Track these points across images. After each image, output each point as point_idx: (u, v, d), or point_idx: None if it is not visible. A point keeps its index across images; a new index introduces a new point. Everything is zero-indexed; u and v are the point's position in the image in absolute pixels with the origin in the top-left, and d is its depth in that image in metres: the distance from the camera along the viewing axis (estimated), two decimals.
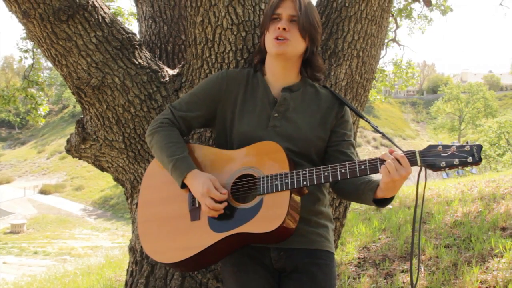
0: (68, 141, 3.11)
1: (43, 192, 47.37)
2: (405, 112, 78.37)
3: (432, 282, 4.35)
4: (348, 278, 4.77)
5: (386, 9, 2.95)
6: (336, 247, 3.26)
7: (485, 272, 4.36)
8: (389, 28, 10.98)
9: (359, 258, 5.36)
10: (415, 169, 1.91)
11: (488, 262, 4.56)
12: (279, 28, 2.10)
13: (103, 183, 45.96)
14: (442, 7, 10.80)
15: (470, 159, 1.80)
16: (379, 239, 5.99)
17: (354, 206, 8.58)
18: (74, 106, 63.82)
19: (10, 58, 79.45)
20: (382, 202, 2.00)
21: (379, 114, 70.45)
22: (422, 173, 1.92)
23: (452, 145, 1.83)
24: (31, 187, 47.62)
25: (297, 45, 2.15)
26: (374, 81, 11.13)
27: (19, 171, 56.89)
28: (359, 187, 2.04)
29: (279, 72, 2.21)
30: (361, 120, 3.05)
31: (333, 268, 2.21)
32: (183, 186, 2.11)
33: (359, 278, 4.76)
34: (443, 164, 1.82)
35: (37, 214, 39.13)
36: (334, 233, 3.02)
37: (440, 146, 1.84)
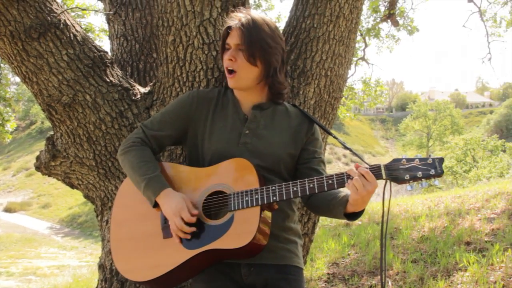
0: (38, 158, 3.09)
1: (8, 210, 46.08)
2: (374, 129, 79.46)
3: None
4: None
5: (353, 30, 3.05)
6: (304, 262, 3.31)
7: (450, 286, 4.46)
8: (358, 47, 11.20)
9: (328, 273, 5.41)
10: (381, 183, 1.97)
11: (453, 276, 4.66)
12: (226, 60, 2.17)
13: (71, 201, 45.07)
14: (409, 27, 11.09)
15: (432, 171, 1.87)
16: (348, 254, 6.06)
17: (324, 222, 8.65)
18: (42, 122, 62.64)
19: None
20: (353, 216, 2.05)
21: (349, 131, 71.20)
22: (388, 186, 1.98)
23: (415, 158, 1.91)
24: None
25: (247, 73, 2.17)
26: (343, 98, 11.32)
27: None
28: (330, 202, 2.09)
29: (248, 95, 2.27)
30: (330, 137, 3.13)
31: (302, 283, 2.25)
32: (155, 205, 2.13)
33: None
34: (407, 177, 1.89)
35: (1, 233, 38.04)
36: (303, 248, 3.06)
37: (404, 160, 1.91)
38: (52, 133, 3.03)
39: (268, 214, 2.05)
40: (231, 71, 2.17)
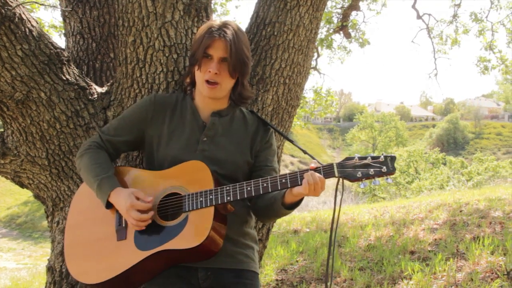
0: None
1: None
2: (322, 138, 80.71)
3: None
4: None
5: (312, 39, 3.10)
6: (259, 267, 3.32)
7: None
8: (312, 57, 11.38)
9: (277, 280, 5.45)
10: (333, 181, 2.01)
11: (398, 284, 4.79)
12: (209, 71, 2.14)
13: (10, 200, 43.44)
14: (361, 40, 11.37)
15: (384, 169, 1.92)
16: (297, 261, 6.12)
17: (273, 228, 8.70)
18: None
19: None
20: (291, 206, 2.08)
21: (298, 139, 71.97)
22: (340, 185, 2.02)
23: (367, 157, 1.95)
24: None
25: (227, 85, 2.22)
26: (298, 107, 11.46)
27: None
28: (270, 199, 2.13)
29: (209, 102, 2.27)
30: (283, 145, 3.16)
31: None
32: (109, 205, 2.11)
33: None
34: (359, 174, 1.93)
35: None
36: (258, 254, 3.08)
37: (356, 158, 1.96)
38: (2, 130, 2.92)
39: (223, 215, 2.06)
40: (213, 83, 2.15)
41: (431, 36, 11.82)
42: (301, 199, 2.07)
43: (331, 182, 2.07)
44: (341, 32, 10.66)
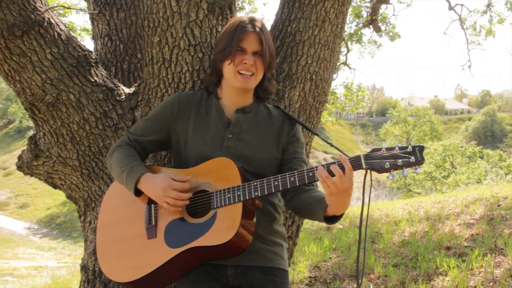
0: (20, 157, 3.05)
1: None
2: (355, 134, 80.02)
3: None
4: None
5: (338, 34, 3.06)
6: (289, 265, 3.31)
7: None
8: (340, 52, 11.28)
9: (310, 277, 5.42)
10: (361, 174, 1.97)
11: (433, 280, 4.70)
12: (245, 63, 2.15)
13: (50, 201, 44.52)
14: (391, 33, 11.21)
15: (412, 159, 1.86)
16: (330, 258, 6.08)
17: (306, 225, 8.67)
18: (20, 121, 61.70)
19: None
20: (332, 220, 2.04)
21: (330, 135, 71.57)
22: (368, 176, 1.96)
23: (395, 147, 1.90)
24: None
25: (259, 77, 2.24)
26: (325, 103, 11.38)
27: None
28: (311, 205, 2.09)
29: (235, 97, 2.28)
30: (312, 141, 3.14)
31: (287, 285, 2.26)
32: (137, 193, 2.13)
33: None
34: (387, 165, 1.88)
35: None
36: (287, 251, 3.07)
37: (383, 149, 1.91)
38: (34, 132, 2.99)
39: (251, 211, 2.05)
40: (247, 75, 2.18)
41: (464, 27, 11.56)
42: (342, 214, 2.03)
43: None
44: (370, 26, 10.53)
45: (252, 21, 2.20)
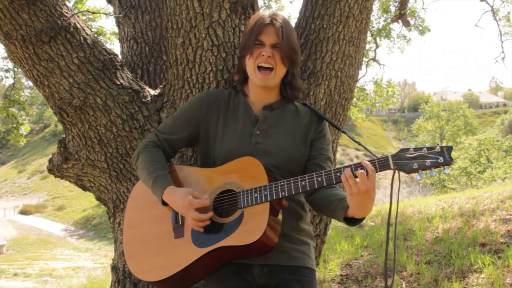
0: (50, 160, 3.12)
1: (24, 212, 46.59)
2: (387, 130, 79.10)
3: None
4: None
5: (363, 30, 3.03)
6: (317, 264, 3.28)
7: (465, 287, 4.41)
8: (369, 48, 11.15)
9: (341, 275, 5.39)
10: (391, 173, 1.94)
11: (468, 277, 4.62)
12: (263, 55, 2.15)
13: (85, 203, 45.40)
14: (420, 28, 11.02)
15: (441, 159, 1.84)
16: (362, 256, 6.03)
17: (337, 223, 8.62)
18: (56, 126, 63.20)
19: None
20: (352, 221, 2.02)
21: (362, 132, 70.97)
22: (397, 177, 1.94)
23: (423, 147, 1.88)
24: (11, 207, 46.81)
25: (280, 72, 2.21)
26: (355, 99, 11.26)
27: None
28: (332, 203, 2.07)
29: (261, 94, 2.27)
30: (342, 139, 3.11)
31: (314, 284, 2.24)
32: (164, 203, 2.15)
33: None
34: (415, 166, 1.86)
35: (18, 235, 38.43)
36: (315, 250, 3.04)
37: (411, 149, 1.89)
38: (64, 136, 3.05)
39: (278, 211, 2.05)
40: (267, 68, 2.17)
41: (497, 18, 11.28)
42: (363, 218, 2.00)
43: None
44: (399, 20, 10.38)
45: (272, 15, 2.20)
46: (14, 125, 10.40)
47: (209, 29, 2.63)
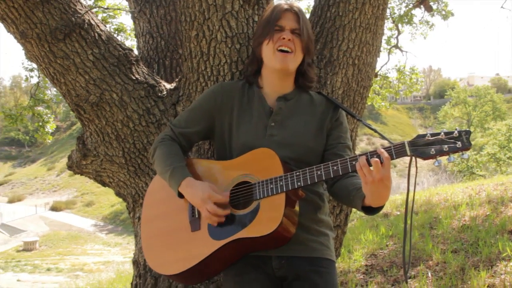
0: (70, 157, 3.15)
1: (54, 209, 47.58)
2: (412, 118, 78.11)
3: (440, 287, 4.32)
4: (356, 285, 4.76)
5: (380, 16, 2.97)
6: (338, 255, 3.26)
7: (493, 276, 4.32)
8: (391, 35, 10.98)
9: (366, 265, 5.34)
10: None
11: (496, 266, 4.52)
12: (283, 38, 2.14)
13: (113, 198, 45.94)
14: (443, 12, 10.78)
15: (459, 144, 1.79)
16: (387, 246, 5.97)
17: (362, 213, 8.55)
18: None
19: (18, 78, 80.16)
20: (370, 210, 1.99)
21: (387, 121, 70.27)
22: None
23: (440, 133, 1.83)
24: (42, 204, 47.85)
25: (298, 58, 2.20)
26: (378, 88, 11.11)
27: (29, 189, 57.20)
28: (351, 192, 2.04)
29: (276, 83, 2.25)
30: (366, 128, 3.06)
31: (334, 276, 2.21)
32: (180, 195, 2.15)
33: (367, 285, 4.74)
34: (432, 151, 1.81)
35: (49, 231, 39.26)
36: (336, 241, 3.02)
37: (428, 135, 1.84)
38: (82, 133, 3.08)
39: (295, 201, 2.03)
40: (287, 51, 2.16)
41: None
42: (381, 206, 1.97)
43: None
44: (421, 6, 10.17)
45: (289, 3, 2.20)
46: (40, 123, 10.57)
47: (222, 21, 2.60)
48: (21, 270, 27.55)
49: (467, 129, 1.83)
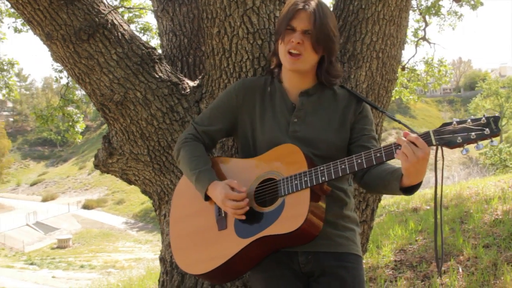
0: (96, 156, 3.19)
1: (86, 207, 48.51)
2: (442, 111, 76.80)
3: (471, 283, 4.25)
4: (385, 281, 4.71)
5: (404, 8, 2.92)
6: (365, 250, 3.23)
7: None
8: (418, 27, 10.80)
9: (395, 260, 5.28)
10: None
11: None
12: (292, 41, 2.10)
13: (143, 196, 46.10)
14: (472, 2, 10.54)
15: (487, 131, 1.72)
16: (416, 241, 5.89)
17: (391, 208, 8.46)
18: None
19: (49, 79, 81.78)
20: (410, 190, 1.93)
21: (416, 114, 69.34)
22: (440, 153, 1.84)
23: (467, 120, 1.76)
24: (75, 202, 48.85)
25: (310, 59, 2.15)
26: (406, 81, 10.95)
27: (62, 187, 58.44)
28: (385, 178, 2.00)
29: (294, 80, 2.23)
30: (395, 122, 3.01)
31: (361, 271, 2.19)
32: (207, 198, 2.16)
33: (396, 281, 4.69)
34: (459, 140, 1.75)
35: (82, 229, 40.05)
36: (363, 236, 3.00)
37: (454, 123, 1.77)
38: (108, 131, 3.11)
39: (320, 197, 2.01)
40: (296, 54, 2.12)
41: None
42: (419, 183, 1.91)
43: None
44: None
45: (307, 0, 2.13)
46: (70, 123, 10.76)
47: (243, 17, 2.60)
48: (55, 267, 28.22)
49: (496, 115, 1.77)
